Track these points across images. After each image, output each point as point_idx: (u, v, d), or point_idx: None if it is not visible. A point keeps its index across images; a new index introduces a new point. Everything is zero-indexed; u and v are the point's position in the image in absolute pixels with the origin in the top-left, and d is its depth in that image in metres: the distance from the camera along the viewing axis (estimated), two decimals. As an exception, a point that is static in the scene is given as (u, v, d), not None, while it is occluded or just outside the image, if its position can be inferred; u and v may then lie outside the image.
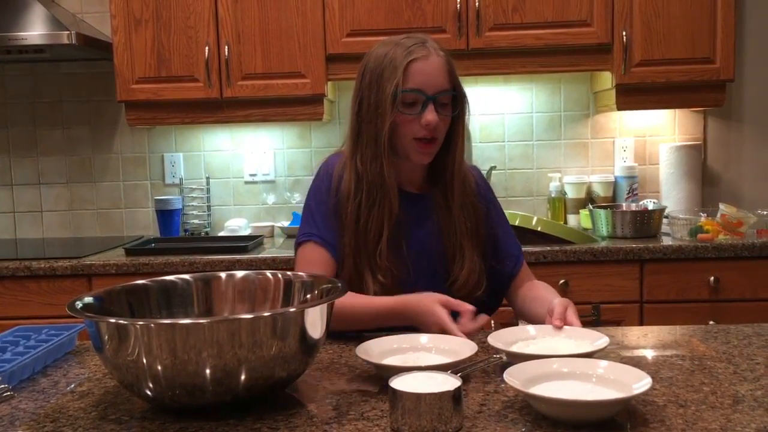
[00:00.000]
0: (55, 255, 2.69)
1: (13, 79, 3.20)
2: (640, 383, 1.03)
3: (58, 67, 3.18)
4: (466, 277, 1.57)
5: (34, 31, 2.71)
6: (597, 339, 1.27)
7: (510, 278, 1.68)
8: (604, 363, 1.12)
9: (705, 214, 2.68)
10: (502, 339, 1.29)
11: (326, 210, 1.60)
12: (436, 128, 1.52)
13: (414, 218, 1.60)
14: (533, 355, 1.20)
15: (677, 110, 3.08)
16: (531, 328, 1.36)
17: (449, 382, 1.00)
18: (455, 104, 1.56)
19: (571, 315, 1.38)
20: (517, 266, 1.69)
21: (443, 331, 1.38)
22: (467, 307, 1.42)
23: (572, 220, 3.04)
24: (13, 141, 3.23)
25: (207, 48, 2.77)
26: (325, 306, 1.15)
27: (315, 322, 1.12)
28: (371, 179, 1.54)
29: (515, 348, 1.26)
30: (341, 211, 1.58)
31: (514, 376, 1.06)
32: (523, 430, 1.00)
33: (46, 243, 3.12)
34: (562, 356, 1.17)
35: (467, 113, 1.60)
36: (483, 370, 1.22)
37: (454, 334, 1.35)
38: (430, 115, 1.50)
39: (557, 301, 1.40)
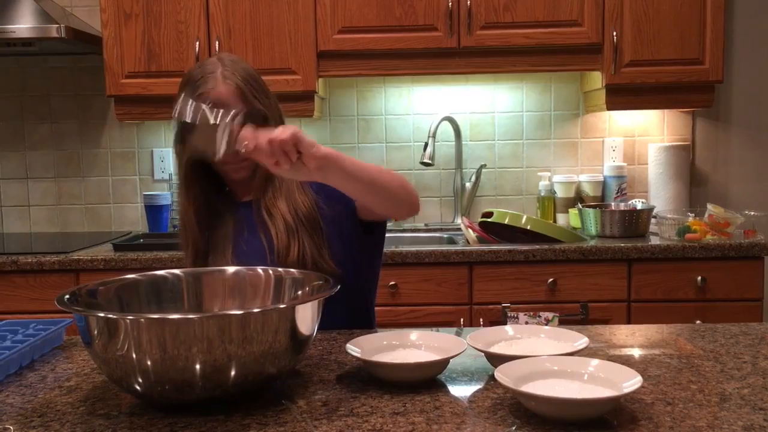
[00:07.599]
0: (42, 250, 2.67)
1: (0, 72, 3.17)
2: (630, 382, 1.03)
3: (46, 61, 3.16)
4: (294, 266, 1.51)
5: (23, 24, 2.69)
6: (577, 340, 1.26)
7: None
8: (594, 361, 1.12)
9: (693, 215, 2.69)
10: (482, 339, 1.27)
11: None
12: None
13: (247, 222, 1.60)
14: (515, 356, 1.18)
15: (666, 111, 3.10)
16: (509, 329, 1.33)
17: None
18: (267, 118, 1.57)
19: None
20: None
21: None
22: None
23: (561, 219, 3.05)
24: (0, 135, 3.20)
25: (197, 43, 2.75)
26: (315, 303, 1.15)
27: (305, 318, 1.12)
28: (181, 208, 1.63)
29: (496, 348, 1.25)
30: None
31: (505, 374, 1.06)
32: (513, 427, 1.00)
33: (33, 238, 3.10)
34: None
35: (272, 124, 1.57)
36: (470, 368, 1.23)
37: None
38: None
39: None
